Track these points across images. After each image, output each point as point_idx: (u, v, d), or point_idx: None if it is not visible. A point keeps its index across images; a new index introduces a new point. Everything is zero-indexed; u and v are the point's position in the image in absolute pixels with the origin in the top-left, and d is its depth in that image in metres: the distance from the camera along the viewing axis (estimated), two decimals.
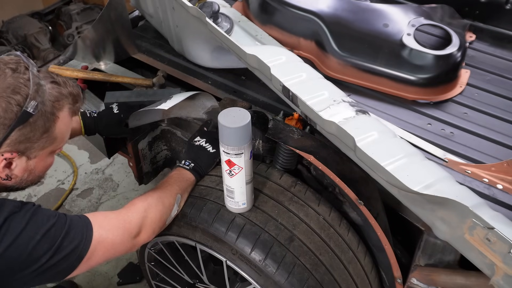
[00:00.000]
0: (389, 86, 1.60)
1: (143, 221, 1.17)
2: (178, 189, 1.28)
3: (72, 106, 1.08)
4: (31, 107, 0.97)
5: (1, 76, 0.97)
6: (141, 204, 1.19)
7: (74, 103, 1.09)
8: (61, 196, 2.50)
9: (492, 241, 0.91)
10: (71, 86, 1.08)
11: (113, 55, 1.84)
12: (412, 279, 1.23)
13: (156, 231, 1.22)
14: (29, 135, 1.00)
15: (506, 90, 1.65)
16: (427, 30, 1.79)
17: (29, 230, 0.97)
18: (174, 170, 1.36)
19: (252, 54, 1.23)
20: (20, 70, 0.99)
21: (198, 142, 1.42)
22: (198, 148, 1.40)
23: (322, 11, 1.67)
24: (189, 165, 1.36)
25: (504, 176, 1.28)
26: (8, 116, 0.96)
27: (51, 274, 1.01)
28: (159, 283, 1.69)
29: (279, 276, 1.18)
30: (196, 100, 1.51)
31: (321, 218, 1.29)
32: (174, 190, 1.27)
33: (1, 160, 1.00)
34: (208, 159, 1.39)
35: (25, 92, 0.97)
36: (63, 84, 1.06)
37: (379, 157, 1.02)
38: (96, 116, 1.50)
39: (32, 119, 0.98)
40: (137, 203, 1.19)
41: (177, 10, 1.58)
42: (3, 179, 1.04)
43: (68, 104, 1.07)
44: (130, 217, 1.15)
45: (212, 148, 1.40)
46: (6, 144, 0.98)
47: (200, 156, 1.39)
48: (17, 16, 3.40)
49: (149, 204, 1.19)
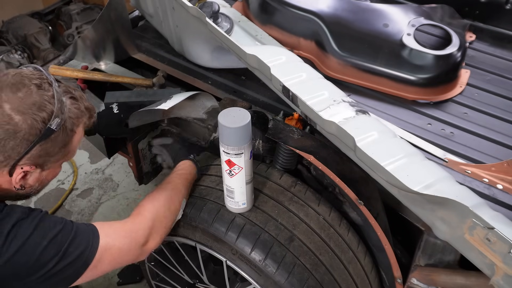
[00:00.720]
0: (389, 86, 1.60)
1: (150, 230, 1.17)
2: (184, 192, 1.29)
3: (88, 121, 1.13)
4: (55, 124, 1.00)
5: (27, 93, 0.99)
6: (148, 213, 1.19)
7: (90, 118, 1.13)
8: (61, 196, 2.50)
9: (492, 241, 0.91)
10: (86, 100, 1.12)
11: (113, 55, 1.84)
12: (412, 279, 1.23)
13: (164, 237, 1.23)
14: (49, 150, 1.03)
15: (506, 90, 1.65)
16: (427, 30, 1.79)
17: (36, 235, 0.98)
18: (181, 164, 1.38)
19: (252, 54, 1.23)
20: (44, 87, 1.01)
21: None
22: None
23: (322, 11, 1.67)
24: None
25: (504, 176, 1.28)
26: (32, 132, 0.98)
27: (57, 280, 1.01)
28: (159, 283, 1.69)
29: (279, 276, 1.18)
30: (196, 100, 1.51)
31: (321, 218, 1.29)
32: (180, 195, 1.27)
33: (20, 173, 1.03)
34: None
35: (50, 109, 1.00)
36: (79, 99, 1.10)
37: (379, 157, 1.02)
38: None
39: (53, 135, 1.01)
40: (144, 211, 1.19)
41: (177, 10, 1.58)
42: (16, 189, 1.06)
43: (85, 120, 1.12)
44: (138, 226, 1.16)
45: None
46: (26, 157, 1.01)
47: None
48: (17, 16, 3.40)
49: (157, 212, 1.20)
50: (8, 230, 0.96)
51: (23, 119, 0.97)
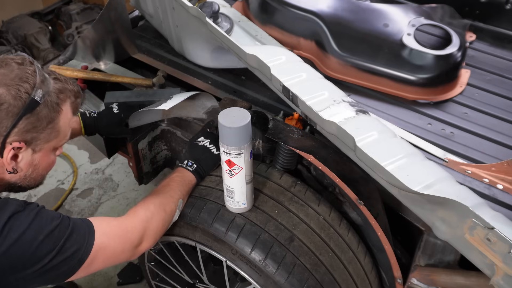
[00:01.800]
0: (389, 86, 1.60)
1: (145, 231, 1.16)
2: (180, 194, 1.27)
3: (74, 101, 1.12)
4: (38, 95, 1.01)
5: (9, 69, 1.01)
6: (143, 213, 1.18)
7: (76, 98, 1.13)
8: (61, 196, 2.50)
9: (492, 241, 0.91)
10: (72, 84, 1.12)
11: (113, 55, 1.84)
12: (412, 279, 1.23)
13: (158, 239, 1.23)
14: (36, 124, 1.02)
15: (506, 90, 1.65)
16: (427, 30, 1.79)
17: (33, 229, 0.98)
18: (175, 171, 1.34)
19: (252, 54, 1.23)
20: (26, 63, 1.04)
21: (202, 143, 1.39)
22: (202, 149, 1.38)
23: (322, 11, 1.67)
24: (191, 166, 1.34)
25: (505, 176, 1.28)
26: (17, 104, 0.99)
27: (51, 275, 1.01)
28: (159, 283, 1.69)
29: (279, 276, 1.18)
30: (196, 100, 1.51)
31: (321, 218, 1.29)
32: (176, 195, 1.26)
33: (9, 150, 1.02)
34: (212, 161, 1.37)
35: (32, 81, 1.01)
36: (64, 81, 1.11)
37: (379, 157, 1.02)
38: (96, 116, 1.50)
39: (39, 108, 1.02)
40: (139, 211, 1.18)
41: (177, 10, 1.58)
42: (9, 172, 1.06)
43: (70, 98, 1.11)
44: (133, 226, 1.15)
45: (216, 150, 1.38)
46: (14, 132, 1.01)
47: (204, 158, 1.37)
48: (17, 16, 3.40)
49: (152, 213, 1.19)
50: (4, 222, 0.95)
51: (6, 91, 0.98)
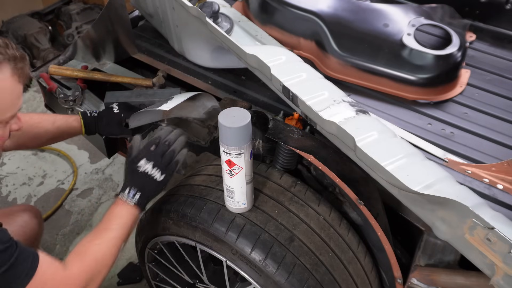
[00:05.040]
0: (389, 86, 1.60)
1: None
2: (121, 239, 1.16)
3: (15, 65, 1.03)
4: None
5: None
6: (84, 274, 1.08)
7: (16, 62, 1.04)
8: (61, 196, 2.50)
9: (493, 241, 0.91)
10: (13, 48, 1.04)
11: (113, 55, 1.84)
12: (412, 279, 1.23)
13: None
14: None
15: (506, 90, 1.65)
16: (427, 30, 1.79)
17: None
18: (116, 204, 1.20)
19: (252, 54, 1.23)
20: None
21: (143, 168, 1.21)
22: (143, 176, 1.21)
23: (322, 11, 1.67)
24: (134, 197, 1.19)
25: (505, 176, 1.28)
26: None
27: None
28: (159, 283, 1.69)
29: (279, 276, 1.18)
30: (196, 100, 1.51)
31: (321, 218, 1.29)
32: (117, 243, 1.15)
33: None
34: (156, 188, 1.22)
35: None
36: (3, 45, 1.03)
37: (379, 157, 1.02)
38: (96, 115, 1.50)
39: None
40: (81, 270, 1.08)
41: (177, 10, 1.58)
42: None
43: (9, 62, 1.02)
44: (74, 284, 1.06)
45: (161, 173, 1.22)
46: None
47: (146, 186, 1.21)
48: (17, 16, 3.40)
49: (92, 272, 1.09)
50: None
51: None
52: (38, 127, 1.47)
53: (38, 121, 1.47)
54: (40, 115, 1.51)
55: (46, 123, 1.48)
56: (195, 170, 1.49)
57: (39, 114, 1.53)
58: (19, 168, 2.68)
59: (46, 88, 1.75)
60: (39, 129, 1.47)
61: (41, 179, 2.61)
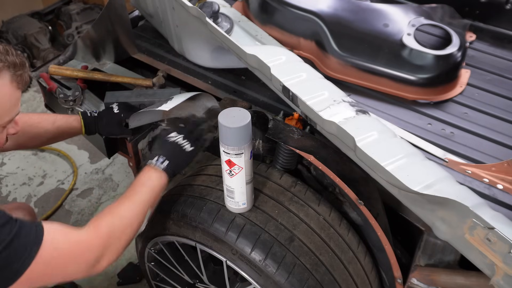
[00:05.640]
0: (389, 86, 1.60)
1: (105, 249, 1.06)
2: (149, 202, 1.17)
3: (14, 73, 1.04)
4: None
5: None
6: (106, 229, 1.07)
7: (16, 69, 1.05)
8: (61, 196, 2.50)
9: (493, 241, 0.91)
10: (13, 55, 1.05)
11: (113, 55, 1.84)
12: (412, 279, 1.23)
13: (120, 255, 1.12)
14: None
15: (506, 90, 1.65)
16: (427, 30, 1.79)
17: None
18: (144, 171, 1.21)
19: (252, 54, 1.23)
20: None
21: (174, 139, 1.26)
22: (174, 145, 1.25)
23: (322, 11, 1.67)
24: (162, 163, 1.22)
25: (505, 176, 1.28)
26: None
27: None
28: (159, 283, 1.69)
29: (279, 276, 1.18)
30: (196, 100, 1.51)
31: (321, 218, 1.29)
32: (145, 206, 1.16)
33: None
34: (185, 158, 1.25)
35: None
36: (4, 52, 1.03)
37: (379, 157, 1.02)
38: (96, 115, 1.50)
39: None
40: (102, 226, 1.07)
41: (177, 10, 1.58)
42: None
43: (9, 70, 1.03)
44: (92, 244, 1.04)
45: (190, 145, 1.26)
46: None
47: (175, 155, 1.24)
48: (17, 16, 3.41)
49: (117, 228, 1.08)
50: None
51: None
52: (38, 127, 1.47)
53: (38, 121, 1.47)
54: (40, 115, 1.51)
55: (46, 123, 1.48)
56: (195, 170, 1.49)
57: (39, 114, 1.53)
58: (19, 168, 2.68)
59: (46, 88, 1.75)
60: (39, 129, 1.47)
61: (41, 179, 2.61)
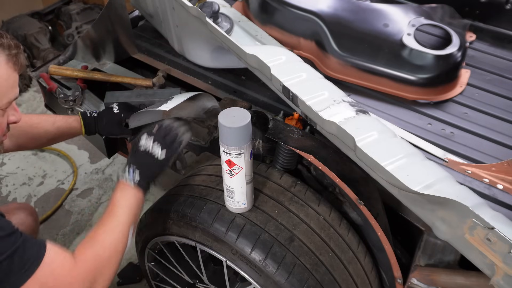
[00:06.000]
0: (389, 86, 1.60)
1: (94, 281, 1.05)
2: (129, 222, 1.15)
3: (9, 53, 1.05)
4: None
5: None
6: (92, 263, 1.05)
7: (11, 50, 1.05)
8: (61, 196, 2.50)
9: (493, 241, 0.91)
10: (7, 38, 1.05)
11: (113, 55, 1.84)
12: (412, 279, 1.23)
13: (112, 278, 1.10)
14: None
15: (506, 90, 1.65)
16: (427, 30, 1.79)
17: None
18: (119, 189, 1.18)
19: (252, 54, 1.23)
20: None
21: (143, 147, 1.21)
22: (143, 154, 1.21)
23: (322, 11, 1.67)
24: (133, 176, 1.18)
25: (505, 176, 1.28)
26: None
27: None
28: (159, 283, 1.69)
29: (279, 276, 1.18)
30: (196, 100, 1.51)
31: (321, 218, 1.29)
32: (126, 228, 1.13)
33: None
34: (156, 166, 1.21)
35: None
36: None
37: (379, 157, 1.02)
38: (96, 116, 1.50)
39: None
40: (89, 257, 1.06)
41: (177, 10, 1.58)
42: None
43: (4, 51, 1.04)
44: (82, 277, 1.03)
45: (162, 149, 1.21)
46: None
47: (145, 164, 1.20)
48: (17, 16, 3.40)
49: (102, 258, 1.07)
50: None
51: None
52: (38, 128, 1.47)
53: (38, 122, 1.48)
54: (40, 115, 1.52)
55: (46, 124, 1.48)
56: (195, 170, 1.49)
57: (39, 115, 1.53)
58: (19, 168, 2.68)
59: (46, 88, 1.75)
60: (39, 130, 1.47)
61: (41, 179, 2.61)
